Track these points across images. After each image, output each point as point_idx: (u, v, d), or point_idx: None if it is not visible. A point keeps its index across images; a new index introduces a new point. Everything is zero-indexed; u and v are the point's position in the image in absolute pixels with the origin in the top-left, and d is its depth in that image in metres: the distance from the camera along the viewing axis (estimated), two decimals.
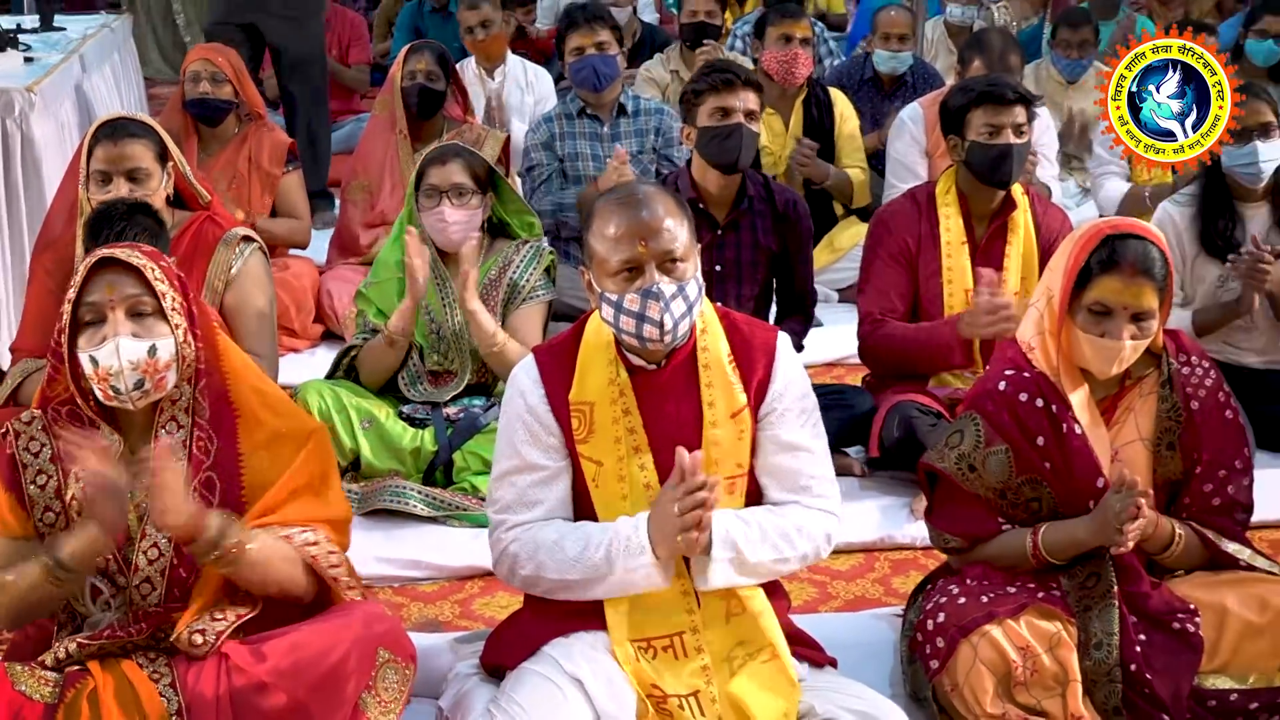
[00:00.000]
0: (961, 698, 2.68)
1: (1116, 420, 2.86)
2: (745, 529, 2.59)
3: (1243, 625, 2.73)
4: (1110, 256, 2.74)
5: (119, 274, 2.50)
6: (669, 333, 2.54)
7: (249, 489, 2.57)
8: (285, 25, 6.36)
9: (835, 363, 4.67)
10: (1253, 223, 4.22)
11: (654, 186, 2.67)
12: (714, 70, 4.11)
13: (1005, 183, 3.94)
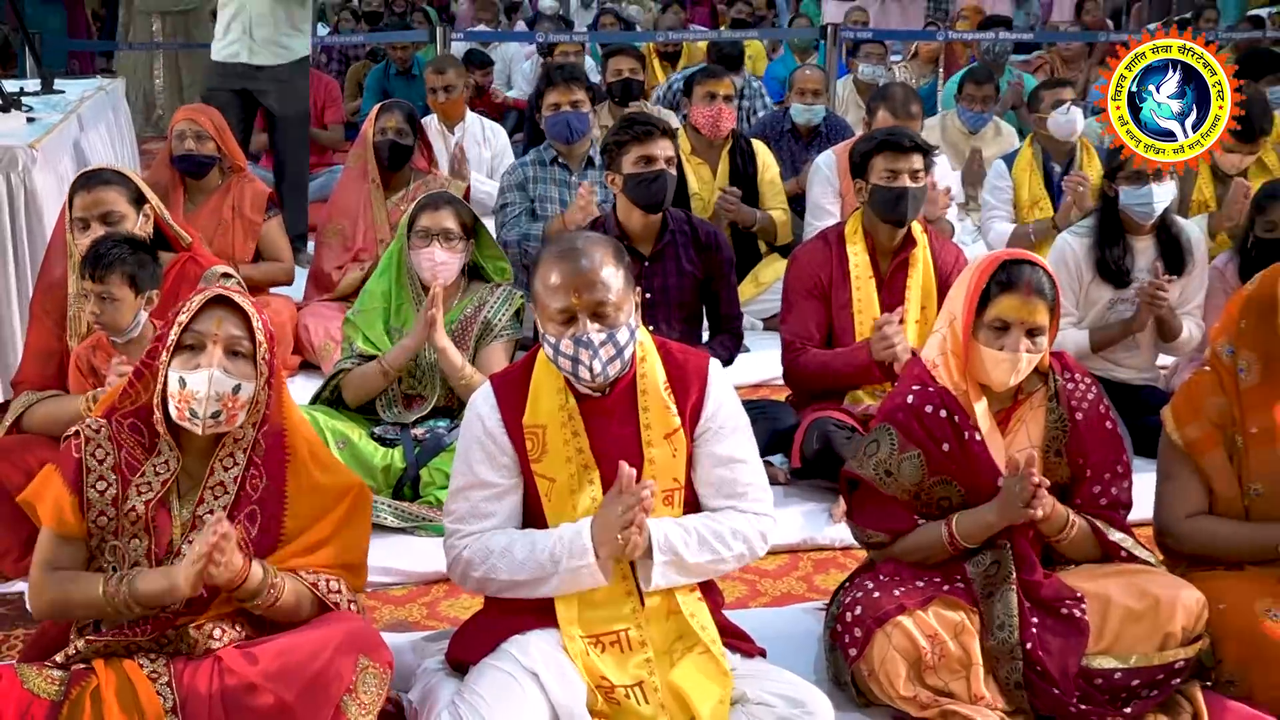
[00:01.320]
0: (877, 681, 2.69)
1: (1011, 429, 2.87)
2: (683, 534, 2.60)
3: (1124, 611, 2.75)
4: (1008, 278, 2.78)
5: (229, 312, 2.51)
6: (598, 375, 2.57)
7: (288, 529, 2.58)
8: (276, 89, 6.33)
9: (761, 384, 4.68)
10: (1142, 254, 4.27)
11: (594, 239, 2.65)
12: (635, 122, 4.12)
13: (902, 221, 3.96)
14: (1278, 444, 2.91)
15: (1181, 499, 2.98)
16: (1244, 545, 2.93)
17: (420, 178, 5.30)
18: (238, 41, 6.20)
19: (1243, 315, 2.97)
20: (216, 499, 2.53)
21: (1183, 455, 2.99)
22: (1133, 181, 4.19)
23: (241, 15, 6.16)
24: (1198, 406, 2.98)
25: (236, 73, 6.24)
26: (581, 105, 5.32)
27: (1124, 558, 2.86)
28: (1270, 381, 2.92)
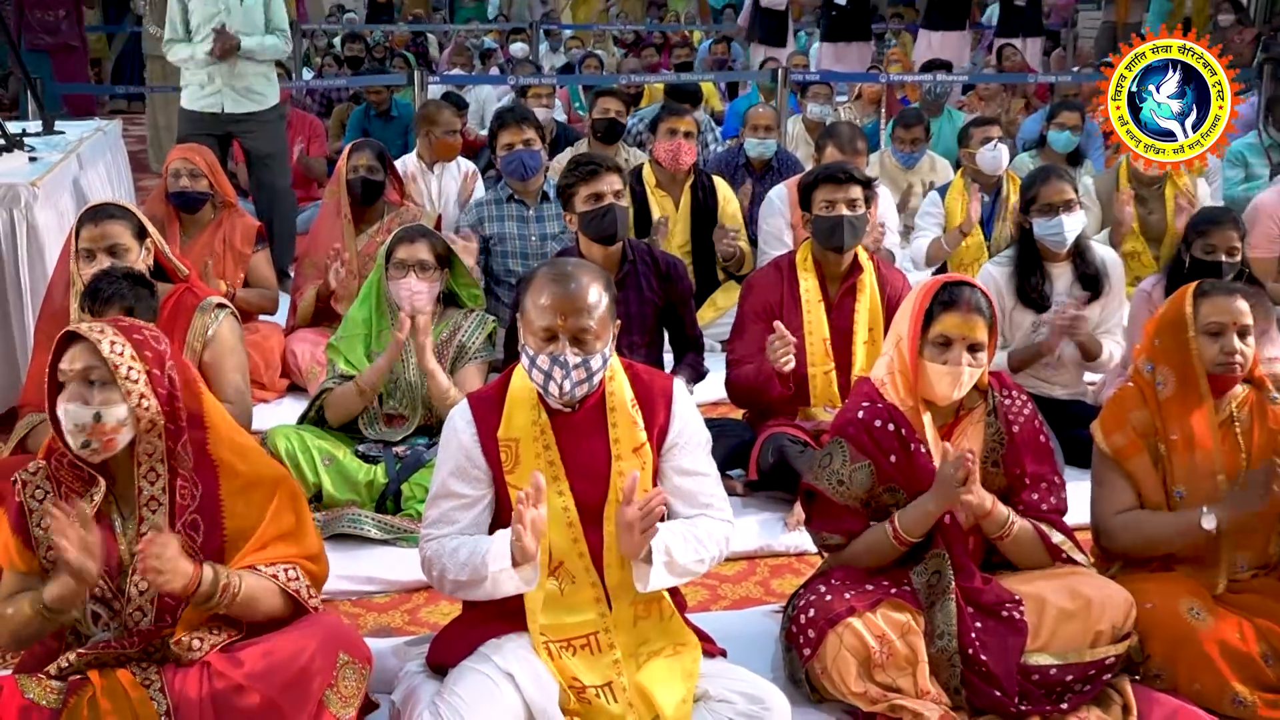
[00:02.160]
0: (830, 679, 2.69)
1: (952, 442, 2.88)
2: (673, 537, 2.60)
3: (1058, 611, 2.76)
4: (949, 298, 2.81)
5: (79, 346, 2.44)
6: (565, 394, 2.58)
7: (230, 531, 2.53)
8: (258, 128, 6.33)
9: (720, 402, 4.67)
10: (1059, 279, 4.30)
11: (589, 268, 2.65)
12: (581, 164, 4.12)
13: (840, 248, 3.97)
14: (1195, 450, 2.94)
15: (1112, 500, 3.02)
16: (1170, 530, 2.95)
17: (393, 210, 5.28)
18: (219, 92, 6.20)
19: (1158, 334, 3.03)
20: (153, 513, 2.48)
21: (1111, 462, 3.02)
22: (1044, 214, 4.23)
23: (224, 68, 6.15)
24: (1123, 418, 3.02)
25: (213, 120, 6.24)
26: (533, 143, 5.32)
27: (1064, 559, 2.87)
28: (1185, 393, 2.96)
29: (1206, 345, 2.94)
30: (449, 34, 14.58)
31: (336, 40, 13.49)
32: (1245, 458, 2.97)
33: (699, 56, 12.61)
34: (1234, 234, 4.08)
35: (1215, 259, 4.06)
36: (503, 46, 13.17)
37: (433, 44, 14.63)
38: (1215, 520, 2.84)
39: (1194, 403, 2.96)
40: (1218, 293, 2.97)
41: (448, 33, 14.02)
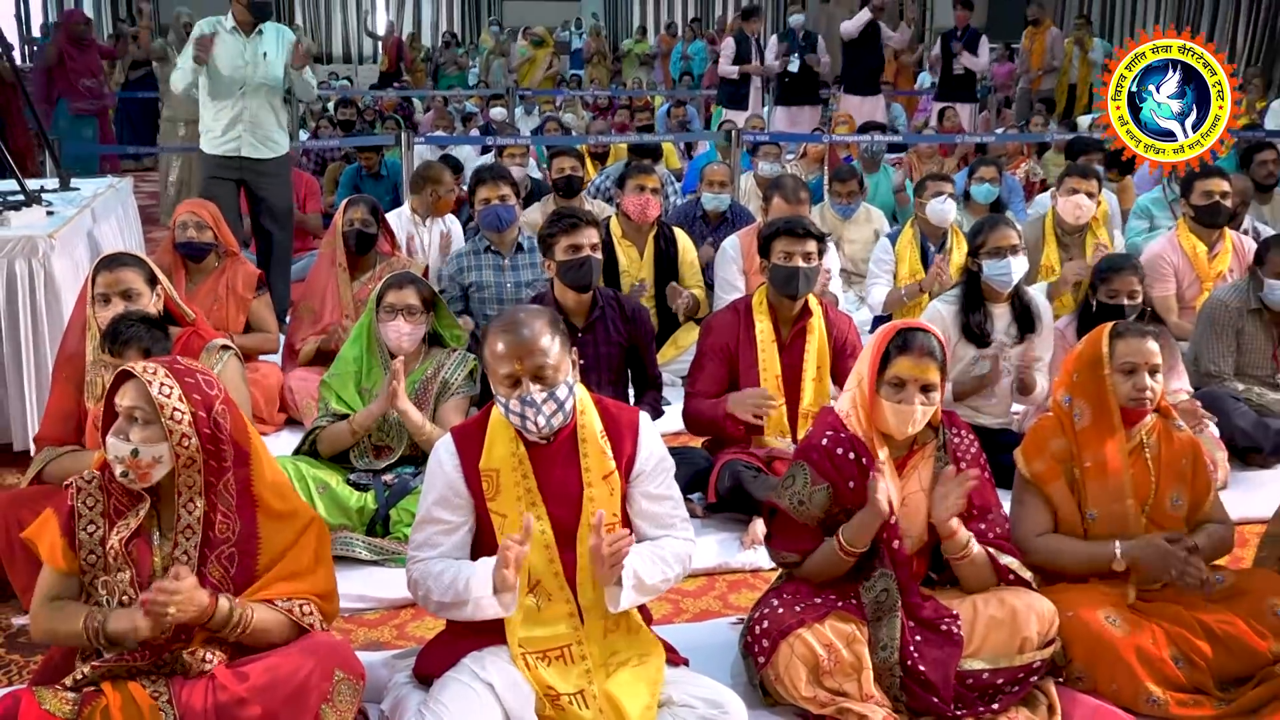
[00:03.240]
0: (783, 684, 2.70)
1: (905, 474, 2.89)
2: (640, 560, 2.61)
3: (989, 620, 2.78)
4: (904, 343, 2.82)
5: (131, 384, 2.46)
6: (543, 428, 2.59)
7: (263, 565, 2.54)
8: (268, 180, 6.31)
9: (680, 432, 4.66)
10: (999, 318, 4.34)
11: (533, 312, 2.65)
12: (563, 216, 4.12)
13: (795, 295, 3.99)
14: (1106, 476, 2.97)
15: (1031, 520, 3.04)
16: (1082, 559, 2.98)
17: (384, 260, 5.28)
18: (239, 138, 6.18)
19: (1076, 370, 3.06)
20: (188, 540, 2.48)
21: (1032, 486, 3.05)
22: (993, 256, 4.27)
23: (244, 115, 6.15)
24: (1042, 446, 3.05)
25: (234, 165, 6.22)
26: (508, 199, 5.35)
27: (1011, 580, 2.88)
28: (1099, 424, 2.99)
29: (1120, 382, 2.97)
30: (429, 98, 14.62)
31: (330, 104, 13.51)
32: (1154, 480, 3.00)
33: (659, 118, 12.70)
34: (1134, 279, 4.13)
35: (1118, 303, 4.11)
36: (483, 110, 13.22)
37: (418, 108, 14.66)
38: (1126, 559, 2.90)
39: (1107, 433, 2.99)
40: (1132, 334, 3.01)
41: (433, 97, 14.04)
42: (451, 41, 19.19)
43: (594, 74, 17.78)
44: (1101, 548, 2.94)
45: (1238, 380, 4.59)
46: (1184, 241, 5.38)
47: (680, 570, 2.70)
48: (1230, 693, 2.81)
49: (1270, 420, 4.47)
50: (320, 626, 2.56)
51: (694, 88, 15.43)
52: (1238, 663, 2.82)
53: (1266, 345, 4.58)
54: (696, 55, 17.11)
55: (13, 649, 3.15)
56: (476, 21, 21.79)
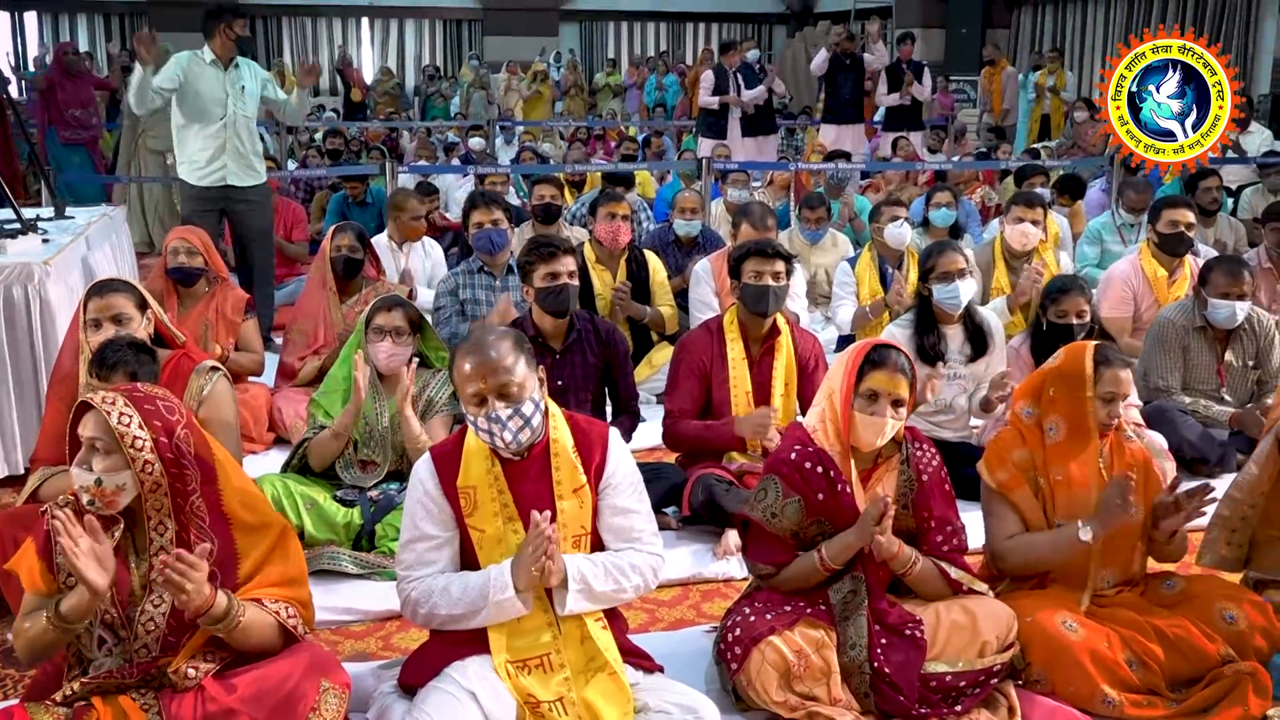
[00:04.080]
0: (755, 690, 2.68)
1: (870, 486, 2.89)
2: (591, 566, 2.60)
3: (951, 624, 2.79)
4: (878, 358, 2.84)
5: (91, 415, 2.41)
6: (511, 444, 2.58)
7: (243, 576, 2.50)
8: (250, 207, 6.30)
9: (656, 448, 4.66)
10: (952, 339, 4.36)
11: (497, 333, 2.63)
12: (542, 245, 4.12)
13: (765, 314, 4.00)
14: (1075, 489, 2.97)
15: (1001, 527, 3.04)
16: (1053, 546, 2.95)
17: (371, 284, 5.28)
18: (224, 168, 6.17)
19: (1051, 385, 3.04)
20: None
21: (998, 495, 3.05)
22: (942, 280, 4.30)
23: (229, 146, 6.14)
24: (1004, 457, 3.05)
25: (217, 195, 6.21)
26: (500, 223, 5.36)
27: (964, 592, 2.88)
28: (1074, 441, 2.99)
29: (1100, 407, 2.98)
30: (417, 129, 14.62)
31: (318, 135, 13.48)
32: None
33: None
34: (1081, 300, 4.17)
35: (1067, 322, 4.15)
36: (463, 140, 13.23)
37: (404, 138, 14.65)
38: (1091, 532, 2.87)
39: (1081, 450, 2.98)
40: (1116, 364, 2.99)
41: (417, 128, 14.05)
42: (437, 75, 19.21)
43: (570, 106, 17.82)
44: (1066, 529, 2.93)
45: (1184, 394, 4.62)
46: (1146, 266, 5.41)
47: (640, 582, 2.68)
48: (1181, 693, 2.81)
49: (1215, 432, 4.51)
50: (302, 630, 2.53)
51: (667, 118, 15.49)
52: (1189, 664, 2.83)
53: (1211, 361, 4.62)
54: (670, 87, 17.19)
55: (8, 664, 3.11)
56: (458, 55, 21.83)
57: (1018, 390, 3.18)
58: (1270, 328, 4.64)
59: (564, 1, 22.20)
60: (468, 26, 22.42)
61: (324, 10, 21.73)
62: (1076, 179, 8.43)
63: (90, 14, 20.55)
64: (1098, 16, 17.00)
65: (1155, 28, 15.82)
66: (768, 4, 23.01)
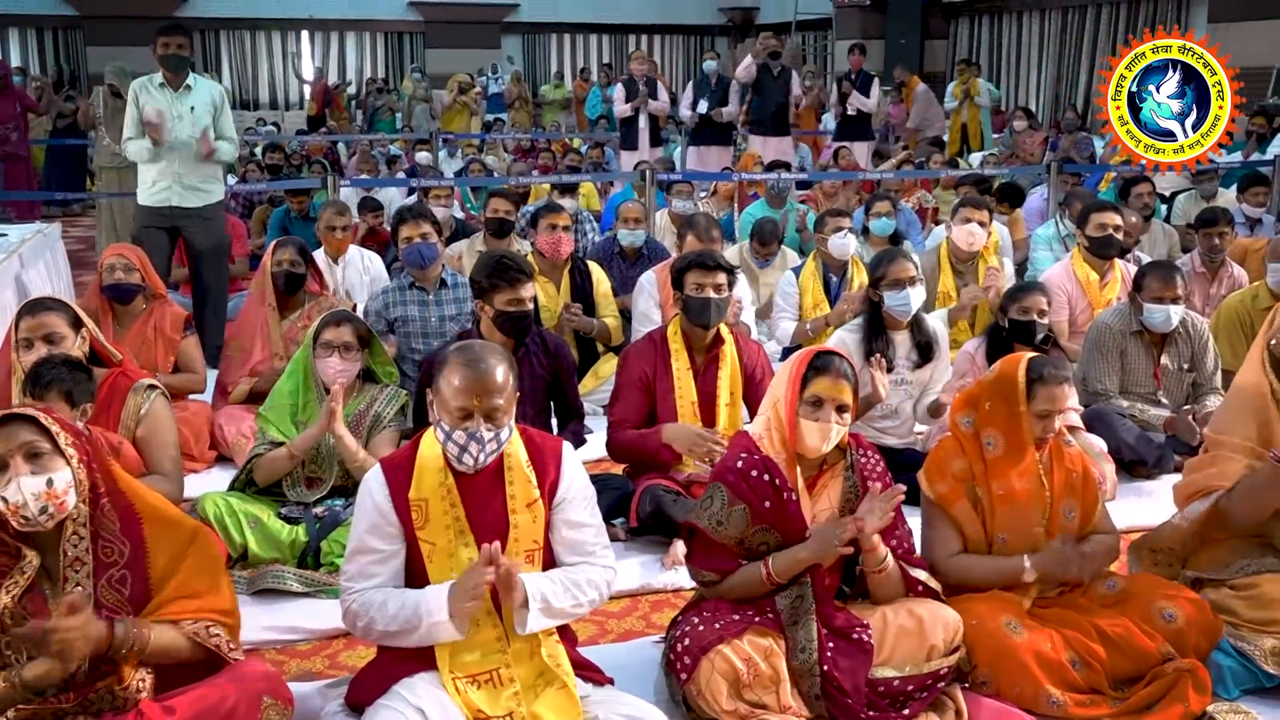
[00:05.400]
0: (705, 699, 2.67)
1: (816, 492, 2.91)
2: (550, 585, 2.59)
3: (898, 629, 2.80)
4: (822, 365, 2.86)
5: (14, 426, 2.33)
6: (479, 464, 2.57)
7: (155, 579, 2.44)
8: (200, 225, 6.23)
9: (602, 459, 4.66)
10: (900, 345, 4.40)
11: (495, 350, 2.61)
12: (509, 269, 3.99)
13: (707, 325, 4.02)
14: (1015, 503, 3.00)
15: (943, 542, 3.05)
16: (993, 575, 3.00)
17: (314, 299, 5.22)
18: (169, 189, 6.11)
19: (988, 400, 3.06)
20: (77, 573, 2.37)
21: (937, 507, 3.07)
22: (892, 288, 4.34)
23: (173, 168, 6.08)
24: (944, 468, 3.07)
25: (165, 214, 6.14)
26: (429, 236, 5.32)
27: (920, 591, 2.90)
28: (1012, 454, 3.01)
29: (1035, 423, 3.00)
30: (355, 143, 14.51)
31: (258, 149, 13.34)
32: (1049, 495, 3.04)
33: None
34: (1042, 299, 4.34)
35: (1029, 319, 4.29)
36: (407, 154, 13.15)
37: (343, 152, 14.55)
38: (1035, 575, 2.94)
39: (1019, 462, 3.01)
40: (1051, 381, 3.00)
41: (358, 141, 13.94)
42: (384, 88, 19.10)
43: (516, 118, 17.79)
44: (1011, 562, 2.98)
45: (1122, 398, 4.70)
46: (1078, 270, 5.56)
47: (595, 596, 2.67)
48: (1124, 692, 2.85)
49: (1153, 434, 4.59)
50: (226, 645, 2.47)
51: (610, 130, 15.51)
52: (1130, 663, 2.87)
53: (1147, 365, 4.71)
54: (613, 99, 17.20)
55: None
56: (400, 68, 21.72)
57: (957, 400, 3.20)
58: (1204, 331, 4.74)
59: (506, 13, 22.18)
60: (409, 39, 22.32)
61: (263, 23, 21.53)
62: (1016, 187, 8.58)
63: (23, 28, 20.21)
64: (1032, 27, 17.31)
65: (1088, 38, 16.19)
66: (709, 16, 23.15)
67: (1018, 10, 17.38)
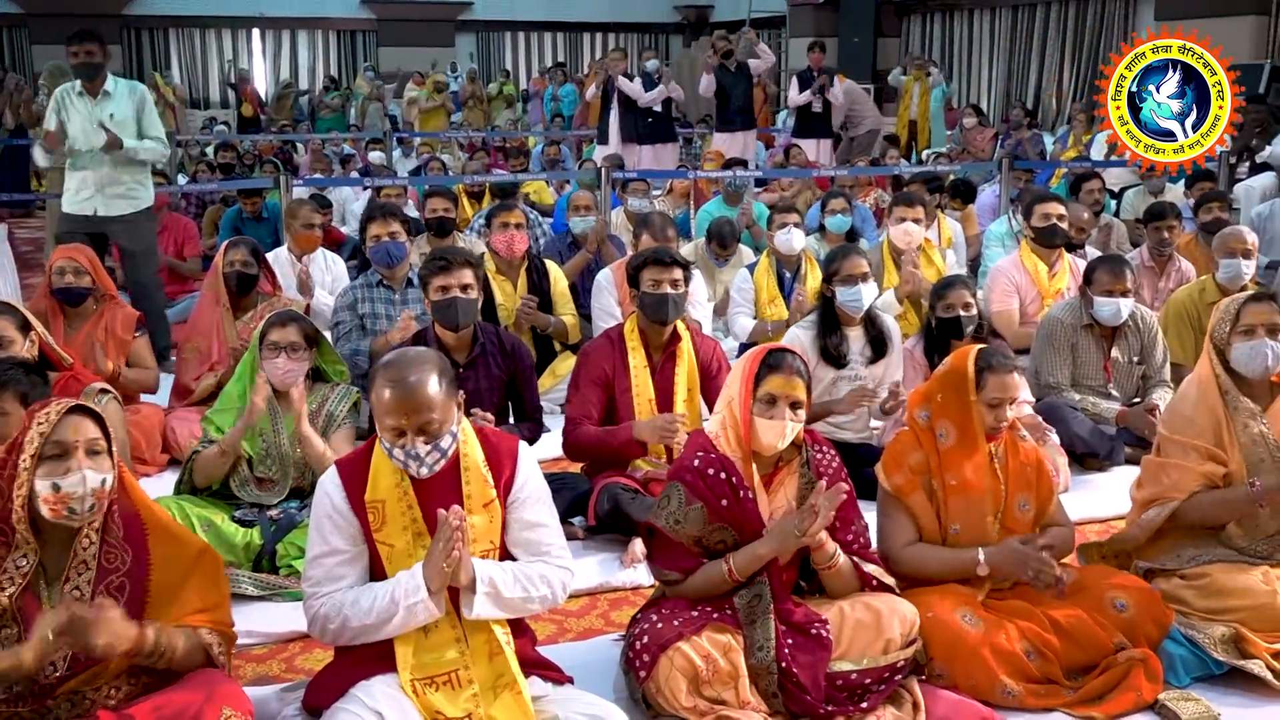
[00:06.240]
0: (664, 696, 2.68)
1: (773, 490, 2.92)
2: (501, 572, 2.58)
3: (855, 623, 2.81)
4: (775, 362, 2.86)
5: (83, 419, 2.37)
6: (426, 474, 2.55)
7: (155, 589, 2.43)
8: (126, 231, 6.15)
9: (561, 458, 4.65)
10: (854, 341, 4.43)
11: (422, 361, 2.57)
12: (435, 257, 4.08)
13: (664, 321, 4.03)
14: (969, 494, 3.02)
15: (897, 533, 3.07)
16: (947, 566, 3.02)
17: (266, 300, 5.18)
18: (91, 198, 6.03)
19: (941, 392, 3.09)
20: (80, 575, 2.37)
21: (894, 499, 3.09)
22: (845, 283, 4.37)
23: (94, 178, 6.01)
24: (901, 460, 3.09)
25: (89, 222, 6.06)
26: (398, 235, 5.29)
27: (875, 586, 2.92)
28: (964, 445, 3.04)
29: (986, 412, 3.03)
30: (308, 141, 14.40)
31: (210, 149, 13.20)
32: (1004, 488, 3.07)
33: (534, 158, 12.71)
34: (965, 293, 4.35)
35: (954, 315, 4.32)
36: (360, 153, 13.06)
37: (298, 151, 14.42)
38: (988, 569, 2.96)
39: (971, 453, 3.03)
40: (1000, 369, 3.02)
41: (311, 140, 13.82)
42: (329, 86, 18.95)
43: (469, 117, 17.73)
44: (965, 554, 3.00)
45: (1074, 391, 4.75)
46: (1026, 261, 5.66)
47: (548, 592, 2.66)
48: (1078, 681, 2.89)
49: (1104, 427, 4.65)
50: (226, 659, 2.49)
51: (565, 128, 15.49)
52: (1084, 653, 2.91)
53: (1098, 358, 4.77)
54: (566, 97, 17.20)
55: None
56: (352, 66, 21.56)
57: (913, 395, 3.23)
58: (1153, 325, 4.81)
59: (460, 11, 22.08)
60: (362, 37, 22.16)
61: (213, 21, 21.28)
62: (968, 183, 8.66)
63: None
64: (983, 25, 17.49)
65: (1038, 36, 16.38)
66: (663, 14, 23.19)
67: (969, 8, 17.56)
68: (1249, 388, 3.24)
